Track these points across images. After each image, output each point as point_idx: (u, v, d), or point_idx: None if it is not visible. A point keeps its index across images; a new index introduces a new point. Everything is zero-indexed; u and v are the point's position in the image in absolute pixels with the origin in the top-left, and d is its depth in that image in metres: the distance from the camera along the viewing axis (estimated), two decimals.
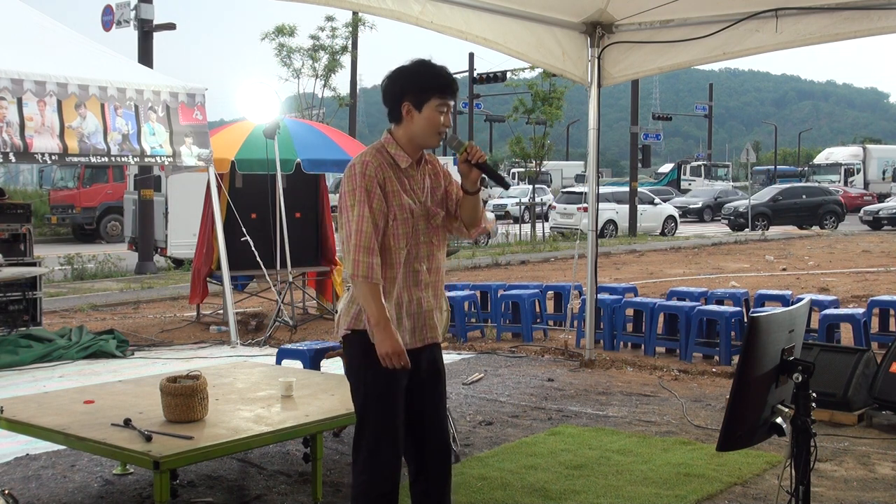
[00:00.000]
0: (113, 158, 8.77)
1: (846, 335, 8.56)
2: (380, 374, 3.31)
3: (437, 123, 3.35)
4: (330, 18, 23.15)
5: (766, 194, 33.34)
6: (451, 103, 3.40)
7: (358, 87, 28.86)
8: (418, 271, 3.42)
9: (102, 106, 8.57)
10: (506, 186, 3.65)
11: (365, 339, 3.33)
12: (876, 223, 30.96)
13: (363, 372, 3.37)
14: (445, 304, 3.63)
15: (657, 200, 31.04)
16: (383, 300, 3.29)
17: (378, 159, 3.36)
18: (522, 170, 35.56)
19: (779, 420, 2.88)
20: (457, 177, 3.57)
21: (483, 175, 3.48)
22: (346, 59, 23.96)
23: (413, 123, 3.37)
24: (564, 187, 37.94)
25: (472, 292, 9.89)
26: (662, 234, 29.34)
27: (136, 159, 9.08)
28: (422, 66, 3.39)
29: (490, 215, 26.70)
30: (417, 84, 3.34)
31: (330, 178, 25.31)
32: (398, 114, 3.38)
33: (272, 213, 10.28)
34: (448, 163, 21.91)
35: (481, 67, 39.98)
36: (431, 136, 3.38)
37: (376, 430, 3.35)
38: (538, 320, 9.81)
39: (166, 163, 9.37)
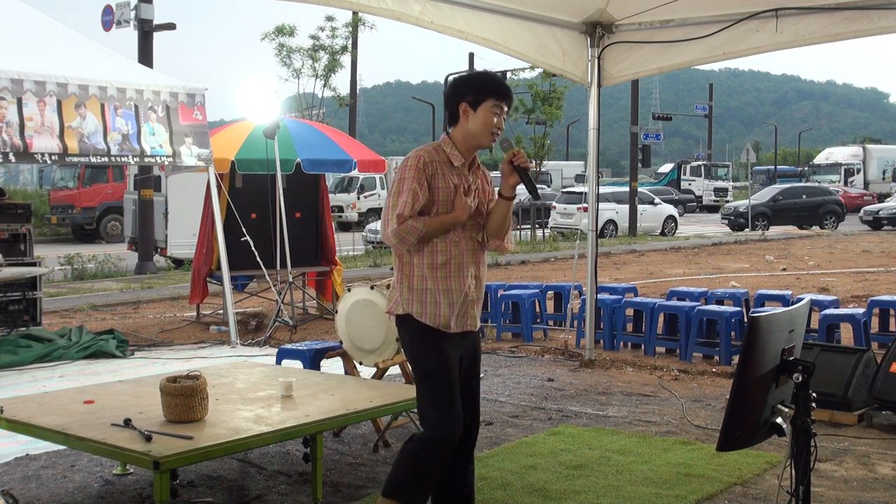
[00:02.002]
0: (113, 158, 8.77)
1: (846, 335, 8.56)
2: (434, 350, 3.66)
3: (491, 123, 3.67)
4: (330, 18, 23.18)
5: (766, 194, 33.33)
6: (505, 108, 3.71)
7: (358, 87, 28.90)
8: (465, 263, 3.71)
9: (102, 106, 8.57)
10: (536, 197, 3.97)
11: (411, 321, 3.68)
12: (876, 223, 30.96)
13: (418, 349, 3.71)
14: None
15: (657, 200, 31.04)
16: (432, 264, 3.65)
17: (432, 156, 3.67)
18: None
19: (779, 420, 2.88)
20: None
21: (520, 182, 3.72)
22: (346, 59, 23.98)
23: (469, 122, 3.68)
24: (564, 187, 37.92)
25: None
26: (662, 234, 29.34)
27: (136, 159, 9.08)
28: (481, 74, 3.86)
29: (511, 237, 26.65)
30: (475, 87, 3.69)
31: (330, 178, 25.34)
32: (456, 114, 3.71)
33: (272, 213, 10.28)
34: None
35: (481, 67, 39.96)
36: (485, 134, 3.68)
37: (438, 392, 3.63)
38: (538, 320, 9.82)
39: (166, 163, 9.37)
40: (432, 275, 3.65)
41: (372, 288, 5.68)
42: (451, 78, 4.16)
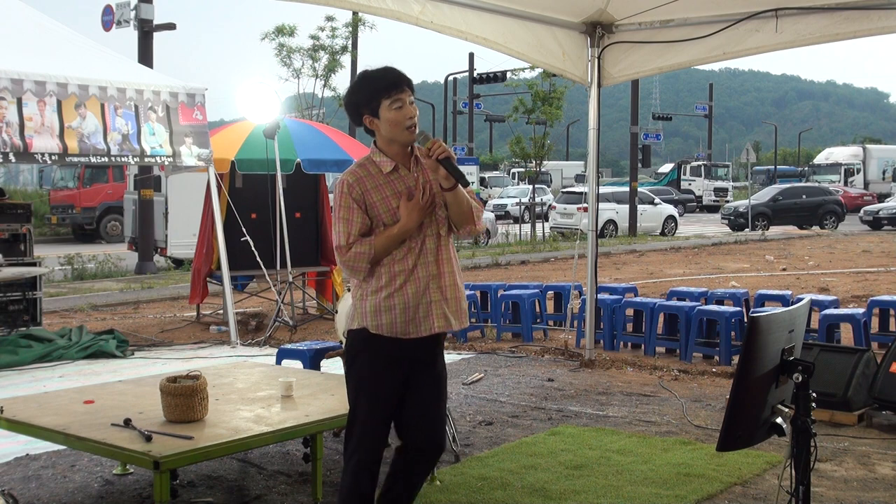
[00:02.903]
0: (113, 158, 8.77)
1: (846, 335, 8.56)
2: (367, 367, 3.49)
3: (399, 119, 3.46)
4: (330, 18, 23.15)
5: (765, 194, 33.32)
6: (404, 96, 3.47)
7: None
8: (424, 263, 3.50)
9: (102, 106, 8.57)
10: (465, 183, 3.58)
11: (362, 334, 3.49)
12: (876, 223, 30.96)
13: (350, 361, 3.55)
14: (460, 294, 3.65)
15: (657, 200, 31.04)
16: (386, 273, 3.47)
17: (357, 174, 3.51)
18: (522, 170, 35.54)
19: (779, 420, 2.88)
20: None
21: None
22: (346, 59, 23.94)
23: (380, 129, 3.51)
24: (564, 187, 37.93)
25: (473, 292, 9.89)
26: (662, 234, 29.34)
27: (136, 159, 9.08)
28: (361, 79, 3.56)
29: (489, 215, 26.64)
30: (364, 94, 3.51)
31: (330, 178, 25.31)
32: (367, 128, 3.55)
33: (272, 213, 10.28)
34: None
35: (481, 67, 40.02)
36: (400, 132, 3.49)
37: (366, 414, 3.49)
38: (538, 320, 9.81)
39: (166, 163, 9.37)
40: (389, 283, 3.46)
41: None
42: (343, 98, 4.12)
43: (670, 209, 31.29)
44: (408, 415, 3.57)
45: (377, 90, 3.47)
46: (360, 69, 3.89)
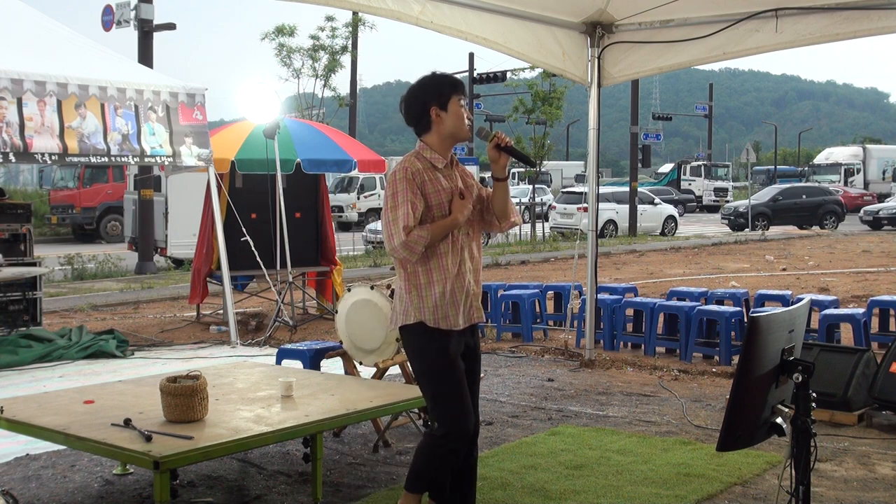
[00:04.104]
0: (113, 158, 8.77)
1: (846, 335, 8.56)
2: (438, 353, 3.74)
3: (463, 115, 3.81)
4: (330, 18, 23.16)
5: (766, 194, 33.32)
6: (466, 99, 3.88)
7: (358, 87, 28.89)
8: (463, 260, 3.80)
9: (102, 106, 8.56)
10: (532, 165, 4.20)
11: (413, 331, 3.78)
12: (876, 223, 30.96)
13: (422, 355, 3.80)
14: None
15: (657, 200, 31.04)
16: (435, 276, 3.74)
17: (416, 164, 3.78)
18: (522, 170, 35.55)
19: (779, 420, 2.88)
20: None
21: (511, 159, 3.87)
22: (346, 59, 23.97)
23: (443, 123, 3.80)
24: (564, 187, 37.92)
25: None
26: (662, 234, 29.34)
27: (136, 159, 9.07)
28: (433, 76, 3.89)
29: (516, 210, 26.66)
30: (437, 89, 3.82)
31: (330, 178, 25.31)
32: (427, 121, 3.82)
33: (272, 213, 10.28)
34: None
35: (481, 67, 39.94)
36: (462, 128, 3.83)
37: (452, 392, 3.73)
38: (538, 320, 9.81)
39: (166, 163, 9.37)
40: (440, 278, 3.74)
41: (372, 288, 5.67)
42: (407, 91, 4.35)
43: (670, 209, 31.29)
44: None
45: (450, 86, 3.81)
46: (360, 69, 4.06)
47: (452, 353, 3.76)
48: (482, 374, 7.64)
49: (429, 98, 3.80)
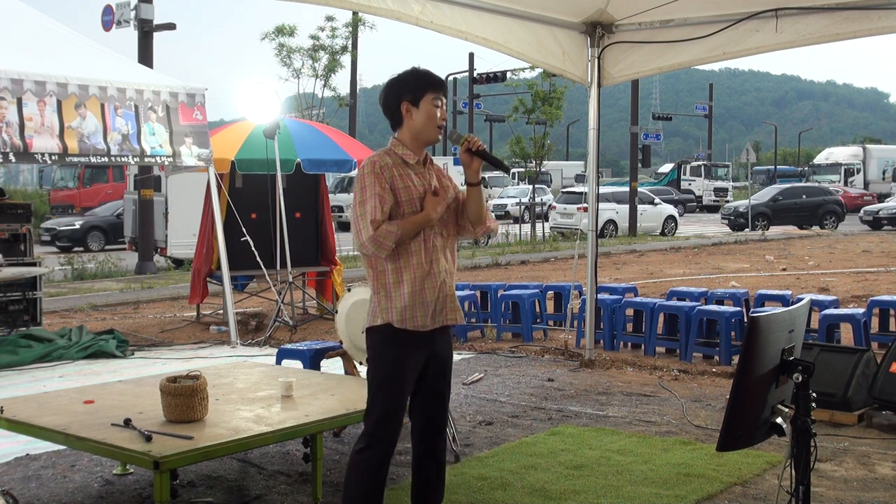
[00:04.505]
0: (113, 158, 8.77)
1: (846, 335, 8.56)
2: (394, 363, 3.67)
3: (435, 116, 3.70)
4: (330, 18, 23.15)
5: (766, 194, 33.32)
6: (444, 99, 3.75)
7: (358, 87, 28.87)
8: (436, 260, 3.69)
9: (102, 106, 8.56)
10: (506, 170, 3.99)
11: (378, 333, 3.70)
12: (876, 223, 30.96)
13: (378, 361, 3.72)
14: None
15: (657, 200, 31.04)
16: (405, 276, 3.64)
17: (385, 160, 3.68)
18: (522, 170, 35.53)
19: (779, 420, 2.88)
20: (456, 178, 3.74)
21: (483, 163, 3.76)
22: (346, 59, 23.95)
23: (414, 120, 3.70)
24: (564, 187, 37.91)
25: (472, 292, 9.89)
26: (662, 234, 29.33)
27: (136, 159, 9.08)
28: (412, 71, 3.77)
29: (492, 216, 26.64)
30: (411, 85, 3.71)
31: (330, 178, 25.29)
32: (399, 116, 3.73)
33: (272, 213, 10.28)
34: (448, 163, 21.93)
35: (481, 67, 39.91)
36: (431, 128, 3.72)
37: (388, 401, 3.69)
38: (538, 320, 9.81)
39: (166, 163, 9.37)
40: (409, 277, 3.64)
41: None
42: (386, 83, 4.29)
43: (670, 209, 31.29)
44: (421, 399, 3.81)
45: (426, 83, 3.70)
46: (360, 69, 4.03)
47: (410, 364, 3.67)
48: (482, 375, 7.68)
49: (402, 93, 3.70)
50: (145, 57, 17.18)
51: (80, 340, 8.77)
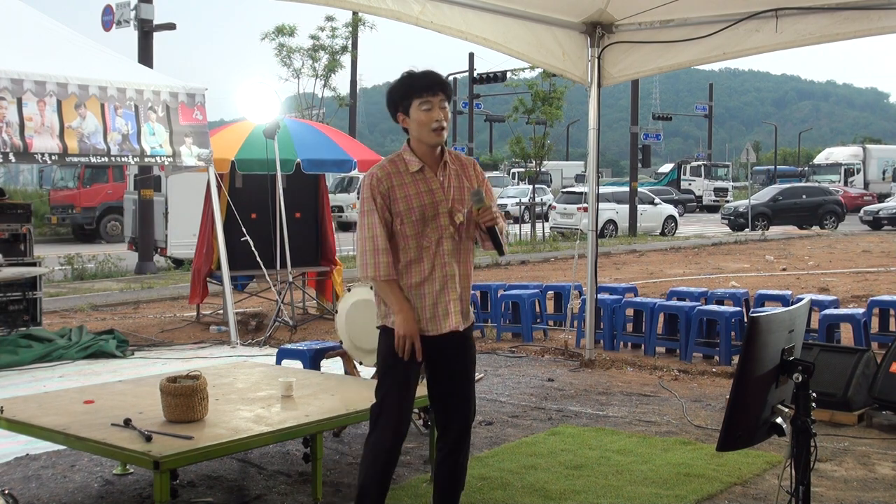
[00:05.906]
0: (113, 158, 8.77)
1: (846, 335, 8.56)
2: (393, 359, 3.68)
3: (426, 121, 3.63)
4: (330, 18, 23.12)
5: (766, 194, 33.32)
6: (435, 99, 3.63)
7: (358, 87, 28.82)
8: (444, 264, 3.70)
9: (102, 106, 8.56)
10: (501, 253, 3.89)
11: (382, 331, 3.76)
12: (876, 223, 30.97)
13: (386, 356, 3.73)
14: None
15: (657, 200, 31.04)
16: (400, 291, 3.67)
17: (386, 170, 3.69)
18: (522, 170, 35.52)
19: (779, 420, 2.88)
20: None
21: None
22: (346, 59, 23.92)
23: (410, 128, 3.69)
24: (564, 187, 37.90)
25: (473, 292, 9.85)
26: (662, 234, 29.34)
27: (136, 159, 9.07)
28: (401, 77, 3.72)
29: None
30: (399, 93, 3.69)
31: (330, 178, 25.29)
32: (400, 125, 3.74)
33: (272, 213, 10.28)
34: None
35: (481, 67, 39.91)
36: (427, 133, 3.66)
37: (388, 405, 3.72)
38: (538, 320, 9.81)
39: (166, 163, 9.37)
40: (406, 283, 3.69)
41: (372, 288, 5.67)
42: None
43: (670, 209, 31.29)
44: (442, 397, 3.84)
45: (412, 89, 3.65)
46: (360, 69, 4.02)
47: (408, 362, 3.68)
48: (482, 375, 7.67)
49: (395, 102, 3.71)
50: (145, 57, 17.17)
51: (80, 340, 8.76)
